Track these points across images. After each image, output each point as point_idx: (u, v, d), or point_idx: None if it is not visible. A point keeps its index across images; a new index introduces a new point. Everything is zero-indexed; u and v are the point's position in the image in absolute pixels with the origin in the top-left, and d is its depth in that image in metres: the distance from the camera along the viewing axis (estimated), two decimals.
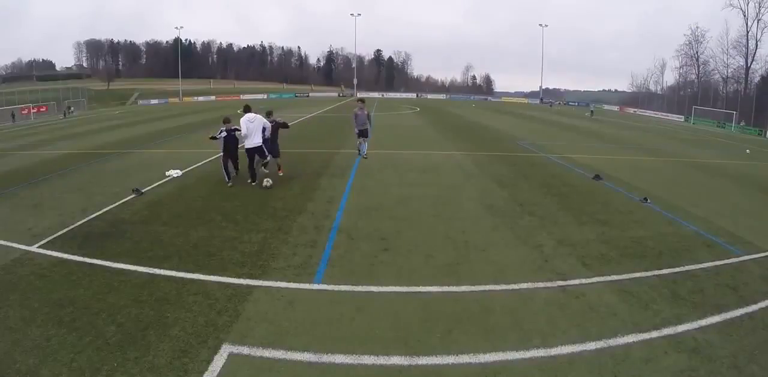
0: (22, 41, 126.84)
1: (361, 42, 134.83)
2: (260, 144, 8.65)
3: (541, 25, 66.91)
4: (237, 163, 9.40)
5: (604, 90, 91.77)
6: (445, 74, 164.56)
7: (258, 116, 8.79)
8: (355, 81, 75.81)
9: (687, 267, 5.23)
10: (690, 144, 20.96)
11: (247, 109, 8.98)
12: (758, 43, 46.69)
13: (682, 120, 45.26)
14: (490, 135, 19.75)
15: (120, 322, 3.85)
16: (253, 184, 8.76)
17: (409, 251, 5.57)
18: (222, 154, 9.11)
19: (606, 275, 4.94)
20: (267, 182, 8.63)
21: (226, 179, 9.00)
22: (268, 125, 8.99)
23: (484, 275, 4.91)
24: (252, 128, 8.58)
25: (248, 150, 8.66)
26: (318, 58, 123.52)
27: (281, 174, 9.46)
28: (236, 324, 3.84)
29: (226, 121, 9.11)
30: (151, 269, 4.94)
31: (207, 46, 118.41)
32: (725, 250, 5.89)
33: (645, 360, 3.42)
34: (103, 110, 52.33)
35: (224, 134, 8.91)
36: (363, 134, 12.05)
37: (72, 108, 50.63)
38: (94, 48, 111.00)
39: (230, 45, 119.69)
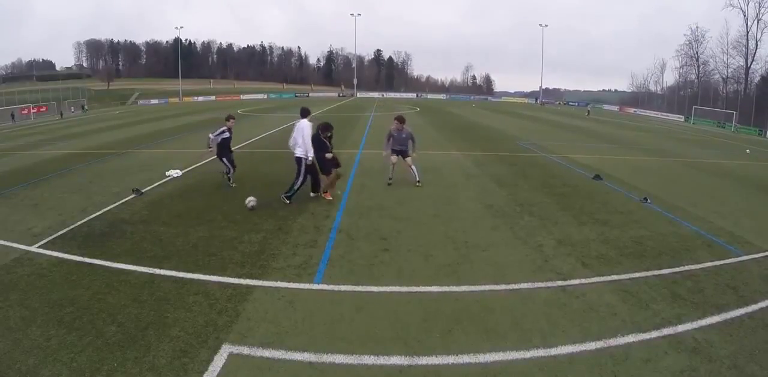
0: (22, 41, 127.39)
1: (361, 42, 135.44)
2: (298, 155, 7.51)
3: (541, 25, 67.20)
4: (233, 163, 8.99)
5: (604, 90, 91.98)
6: (445, 74, 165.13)
7: (301, 121, 7.57)
8: (355, 81, 75.93)
9: (687, 267, 5.23)
10: (690, 144, 20.95)
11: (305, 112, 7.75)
12: (758, 43, 46.76)
13: (682, 120, 45.25)
14: (490, 135, 19.76)
15: (120, 322, 3.85)
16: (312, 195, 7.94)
17: (409, 251, 5.57)
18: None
19: (606, 275, 4.93)
20: (251, 201, 7.31)
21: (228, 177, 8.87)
22: (305, 131, 7.44)
23: (484, 275, 4.91)
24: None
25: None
26: (318, 58, 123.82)
27: (328, 198, 7.97)
28: (236, 324, 3.84)
29: (229, 118, 8.94)
30: (151, 269, 4.93)
31: (207, 46, 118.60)
32: (725, 250, 5.88)
33: (645, 360, 3.41)
34: (103, 109, 52.36)
35: (226, 135, 8.67)
36: (400, 153, 9.15)
37: (86, 107, 50.75)
38: (94, 48, 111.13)
39: (230, 45, 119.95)
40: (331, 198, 7.94)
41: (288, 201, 7.59)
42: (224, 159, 8.79)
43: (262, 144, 15.76)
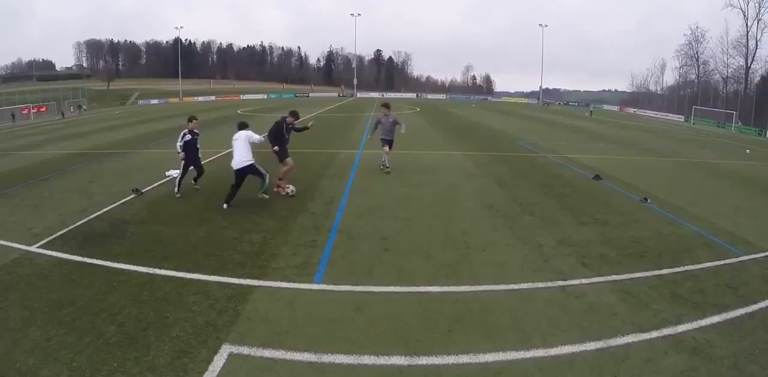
0: (22, 41, 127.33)
1: (361, 42, 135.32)
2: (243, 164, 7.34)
3: (541, 25, 67.19)
4: (201, 170, 8.48)
5: (604, 90, 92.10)
6: (445, 74, 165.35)
7: (241, 132, 7.52)
8: (355, 81, 75.94)
9: (687, 267, 5.23)
10: (690, 144, 20.95)
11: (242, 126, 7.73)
12: (758, 43, 46.68)
13: (682, 120, 45.26)
14: (490, 135, 19.77)
15: (120, 322, 3.85)
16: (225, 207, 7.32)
17: (409, 251, 5.57)
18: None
19: (606, 275, 4.93)
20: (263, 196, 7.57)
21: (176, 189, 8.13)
22: (254, 137, 7.54)
23: (484, 275, 4.91)
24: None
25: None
26: (318, 58, 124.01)
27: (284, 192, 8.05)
28: (236, 324, 3.84)
29: (191, 119, 8.24)
30: (151, 269, 4.93)
31: (207, 46, 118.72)
32: (725, 250, 5.88)
33: (645, 360, 3.42)
34: (104, 109, 52.36)
35: (188, 137, 8.08)
36: (388, 144, 10.23)
37: (84, 107, 50.85)
38: (94, 48, 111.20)
39: (230, 45, 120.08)
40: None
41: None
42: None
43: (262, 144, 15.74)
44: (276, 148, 8.13)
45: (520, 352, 3.50)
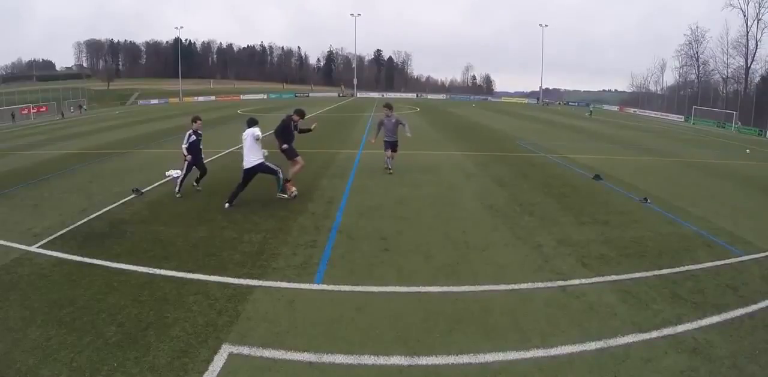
0: (22, 41, 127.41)
1: (361, 42, 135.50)
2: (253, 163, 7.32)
3: (541, 25, 67.22)
4: (204, 170, 8.48)
5: (604, 90, 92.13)
6: (445, 74, 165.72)
7: (248, 130, 7.39)
8: (355, 81, 75.94)
9: (687, 267, 5.23)
10: (690, 144, 20.95)
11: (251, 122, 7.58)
12: (758, 43, 46.73)
13: (682, 120, 45.26)
14: (490, 135, 19.77)
15: (120, 322, 3.85)
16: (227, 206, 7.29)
17: (409, 251, 5.57)
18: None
19: (606, 275, 4.93)
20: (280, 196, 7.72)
21: (177, 189, 8.15)
22: (256, 133, 7.29)
23: (484, 275, 4.91)
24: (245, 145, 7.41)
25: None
26: (318, 58, 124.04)
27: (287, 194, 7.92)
28: (236, 324, 3.84)
29: (196, 120, 8.33)
30: (151, 269, 4.93)
31: (207, 46, 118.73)
32: (725, 250, 5.88)
33: (645, 360, 3.41)
34: (103, 109, 52.35)
35: (193, 138, 8.14)
36: (391, 146, 10.11)
37: (84, 107, 50.90)
38: (94, 48, 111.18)
39: (230, 45, 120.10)
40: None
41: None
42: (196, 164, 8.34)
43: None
44: (285, 146, 8.08)
45: (520, 352, 3.50)
